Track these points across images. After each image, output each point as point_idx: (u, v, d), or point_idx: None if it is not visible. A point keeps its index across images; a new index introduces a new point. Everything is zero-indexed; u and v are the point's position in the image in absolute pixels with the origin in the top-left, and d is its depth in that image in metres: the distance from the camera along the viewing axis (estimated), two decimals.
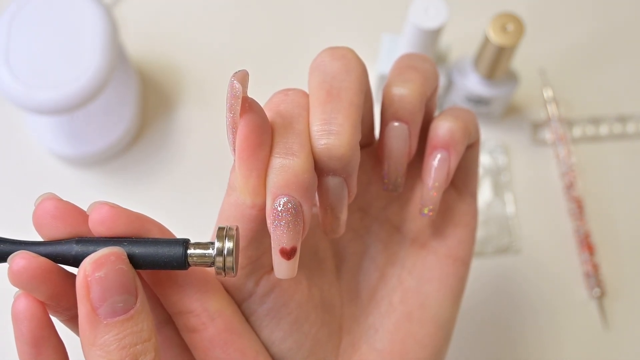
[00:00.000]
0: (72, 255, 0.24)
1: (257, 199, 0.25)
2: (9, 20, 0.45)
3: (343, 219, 0.27)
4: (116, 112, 0.50)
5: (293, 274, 0.25)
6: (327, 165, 0.25)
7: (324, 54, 0.27)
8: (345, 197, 0.27)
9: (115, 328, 0.23)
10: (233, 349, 0.27)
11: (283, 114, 0.26)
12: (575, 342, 0.48)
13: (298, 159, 0.24)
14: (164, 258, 0.24)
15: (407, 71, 0.28)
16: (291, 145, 0.25)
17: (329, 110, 0.25)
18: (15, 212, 0.50)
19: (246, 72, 0.24)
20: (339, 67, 0.26)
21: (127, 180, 0.51)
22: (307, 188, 0.24)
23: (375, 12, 0.56)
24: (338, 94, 0.25)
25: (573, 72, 0.55)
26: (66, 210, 0.25)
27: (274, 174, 0.24)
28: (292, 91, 0.27)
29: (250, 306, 0.28)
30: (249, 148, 0.24)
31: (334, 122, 0.25)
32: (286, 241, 0.25)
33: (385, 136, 0.28)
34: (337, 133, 0.25)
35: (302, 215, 0.25)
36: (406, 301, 0.31)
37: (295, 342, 0.28)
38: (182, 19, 0.56)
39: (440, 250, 0.31)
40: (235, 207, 0.26)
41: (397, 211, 0.32)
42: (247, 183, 0.25)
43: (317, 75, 0.26)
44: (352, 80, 0.26)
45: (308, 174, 0.24)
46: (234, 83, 0.23)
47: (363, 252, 0.32)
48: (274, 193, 0.24)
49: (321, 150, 0.25)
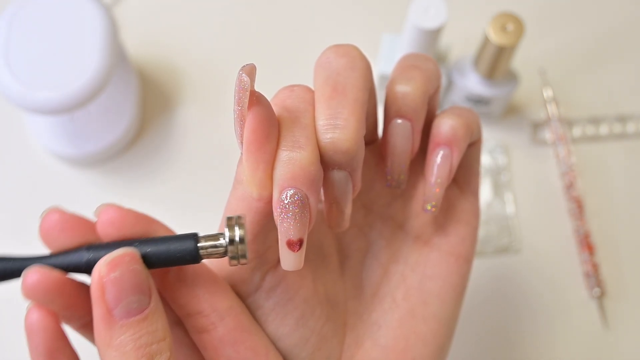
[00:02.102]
0: (84, 262, 0.24)
1: (264, 191, 0.25)
2: (9, 20, 0.45)
3: (348, 213, 0.28)
4: (116, 112, 0.50)
5: (299, 265, 0.25)
6: (332, 159, 0.26)
7: (329, 51, 0.27)
8: (350, 191, 0.27)
9: (131, 328, 0.23)
10: (244, 347, 0.27)
11: (289, 109, 0.26)
12: (575, 342, 0.48)
13: (305, 152, 0.25)
14: (177, 254, 0.24)
15: (410, 70, 0.29)
16: (298, 138, 0.25)
17: (334, 105, 0.25)
18: (15, 212, 0.50)
19: (254, 65, 0.24)
20: (344, 64, 0.27)
21: (127, 180, 0.51)
22: (314, 180, 0.25)
23: (375, 12, 0.56)
24: (343, 90, 0.26)
25: (573, 72, 0.55)
26: (72, 221, 0.25)
27: (281, 167, 0.25)
28: (298, 87, 0.27)
29: (257, 301, 0.28)
30: (256, 141, 0.24)
31: (339, 116, 0.25)
32: (293, 233, 0.25)
33: (388, 133, 0.29)
34: (343, 127, 0.25)
35: (309, 207, 0.25)
36: (409, 298, 0.31)
37: (301, 338, 0.28)
38: (182, 18, 0.56)
39: (443, 248, 0.31)
40: (242, 200, 0.26)
41: (400, 208, 0.32)
42: (254, 176, 0.25)
43: (322, 72, 0.27)
44: (357, 77, 0.26)
45: (314, 167, 0.25)
46: (242, 76, 0.24)
47: (366, 249, 0.32)
48: (281, 185, 0.25)
49: (327, 144, 0.25)
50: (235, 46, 0.55)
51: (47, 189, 0.51)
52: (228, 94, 0.54)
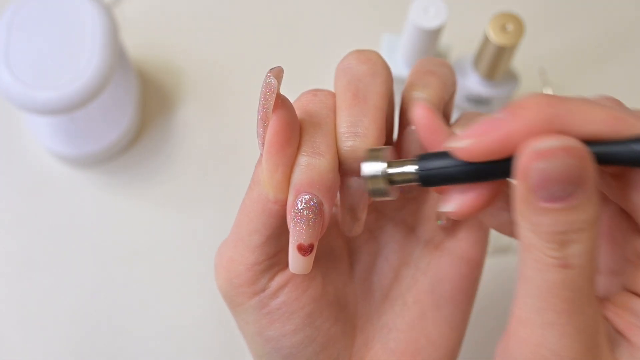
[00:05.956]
0: None
1: (280, 194, 0.25)
2: (9, 20, 0.44)
3: (362, 219, 0.28)
4: (116, 112, 0.50)
5: (307, 270, 0.26)
6: (351, 167, 0.26)
7: (351, 56, 0.28)
8: (366, 198, 0.27)
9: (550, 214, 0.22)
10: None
11: (311, 114, 0.26)
12: None
13: (324, 159, 0.25)
14: None
15: (426, 76, 0.29)
16: (319, 145, 0.25)
17: (355, 113, 0.26)
18: (15, 212, 0.50)
19: (281, 68, 0.25)
20: (365, 71, 0.27)
21: (127, 180, 0.51)
22: (330, 188, 0.25)
23: (375, 12, 0.56)
24: (364, 97, 0.26)
25: (573, 72, 0.55)
26: None
27: (300, 171, 0.25)
28: (321, 92, 0.27)
29: (263, 300, 0.28)
30: (278, 143, 0.25)
31: (360, 124, 0.26)
32: (304, 238, 0.25)
33: (403, 139, 0.29)
34: (364, 136, 0.25)
35: (323, 214, 0.25)
36: (420, 301, 0.31)
37: (307, 337, 0.29)
38: (182, 18, 0.56)
39: (454, 252, 0.31)
40: (257, 201, 0.26)
41: (412, 213, 0.32)
42: (272, 178, 0.25)
43: (343, 78, 0.27)
44: (378, 84, 0.27)
45: (332, 174, 0.25)
46: (270, 78, 0.24)
47: (377, 252, 0.32)
48: (297, 190, 0.25)
49: (347, 152, 0.25)
50: (235, 46, 0.55)
51: (46, 188, 0.51)
52: (228, 94, 0.54)
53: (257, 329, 0.29)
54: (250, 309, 0.28)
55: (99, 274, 0.49)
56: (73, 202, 0.50)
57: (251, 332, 0.29)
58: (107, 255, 0.49)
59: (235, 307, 0.29)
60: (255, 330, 0.29)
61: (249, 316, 0.29)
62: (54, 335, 0.47)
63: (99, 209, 0.50)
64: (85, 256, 0.49)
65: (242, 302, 0.28)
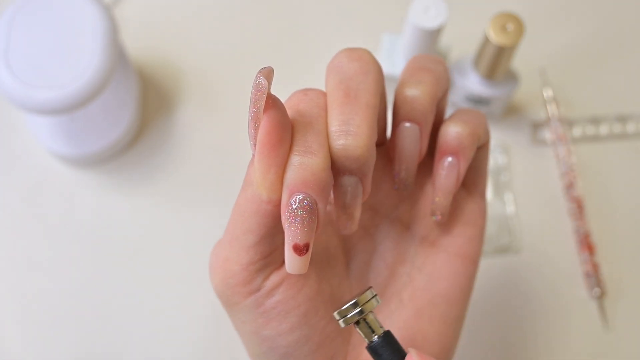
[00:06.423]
0: None
1: (273, 194, 0.25)
2: (9, 20, 0.45)
3: (357, 217, 0.28)
4: (116, 112, 0.51)
5: (304, 269, 0.26)
6: (344, 165, 0.26)
7: (342, 55, 0.28)
8: (360, 196, 0.27)
9: None
10: None
11: (303, 113, 0.26)
12: (575, 342, 0.48)
13: (316, 158, 0.25)
14: None
15: (420, 72, 0.29)
16: (310, 144, 0.25)
17: (347, 111, 0.26)
18: (15, 212, 0.50)
19: (271, 68, 0.24)
20: (356, 69, 0.27)
21: (127, 180, 0.51)
22: (324, 187, 0.25)
23: (375, 12, 0.56)
24: (356, 96, 0.26)
25: (573, 72, 0.55)
26: None
27: (292, 171, 0.25)
28: (312, 91, 0.27)
29: (258, 299, 0.28)
30: (269, 143, 0.25)
31: (351, 123, 0.25)
32: (300, 237, 0.25)
33: (396, 136, 0.29)
34: (355, 134, 0.25)
35: (317, 213, 0.25)
36: (416, 299, 0.31)
37: (304, 335, 0.29)
38: (183, 18, 0.56)
39: (449, 249, 0.31)
40: (250, 201, 0.26)
41: (407, 210, 0.32)
42: (265, 178, 0.25)
43: (334, 76, 0.27)
44: (369, 82, 0.26)
45: (325, 173, 0.25)
46: (260, 79, 0.24)
47: (373, 250, 0.32)
48: (291, 189, 0.25)
49: (339, 150, 0.25)
50: (235, 46, 0.55)
51: (46, 188, 0.51)
52: (228, 94, 0.54)
53: (253, 329, 0.29)
54: (246, 308, 0.28)
55: (99, 273, 0.49)
56: (73, 202, 0.50)
57: (247, 331, 0.29)
58: (107, 255, 0.49)
59: (230, 307, 0.29)
60: (251, 329, 0.29)
61: (245, 316, 0.29)
62: (54, 335, 0.47)
63: (99, 208, 0.50)
64: (85, 256, 0.49)
65: (238, 301, 0.28)
